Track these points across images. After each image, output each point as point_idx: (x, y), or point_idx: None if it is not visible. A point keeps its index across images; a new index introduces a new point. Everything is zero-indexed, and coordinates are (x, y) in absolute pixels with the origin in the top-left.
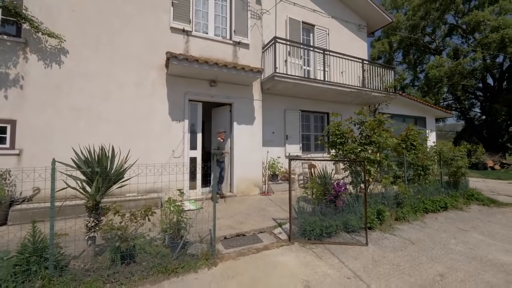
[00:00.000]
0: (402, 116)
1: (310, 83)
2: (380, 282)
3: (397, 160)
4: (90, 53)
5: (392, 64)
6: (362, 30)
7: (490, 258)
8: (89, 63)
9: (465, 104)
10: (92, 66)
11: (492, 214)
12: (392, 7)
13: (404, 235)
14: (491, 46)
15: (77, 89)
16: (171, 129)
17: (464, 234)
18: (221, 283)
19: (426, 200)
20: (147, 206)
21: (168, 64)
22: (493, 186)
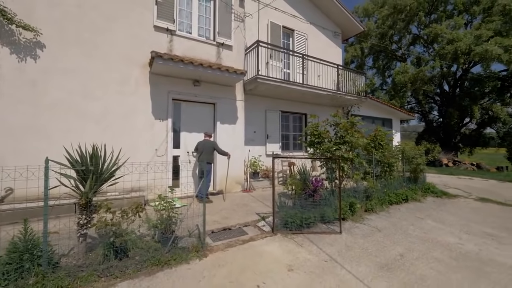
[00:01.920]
0: (372, 117)
1: (290, 86)
2: (352, 263)
3: (367, 158)
4: (69, 49)
5: (363, 69)
6: (338, 37)
7: (439, 240)
8: (69, 59)
9: (426, 108)
10: (72, 62)
11: (443, 204)
12: (364, 15)
13: (372, 224)
14: (447, 56)
15: (56, 85)
16: (154, 128)
17: (420, 221)
18: (213, 271)
19: (391, 193)
20: (138, 203)
21: (152, 63)
22: (446, 181)
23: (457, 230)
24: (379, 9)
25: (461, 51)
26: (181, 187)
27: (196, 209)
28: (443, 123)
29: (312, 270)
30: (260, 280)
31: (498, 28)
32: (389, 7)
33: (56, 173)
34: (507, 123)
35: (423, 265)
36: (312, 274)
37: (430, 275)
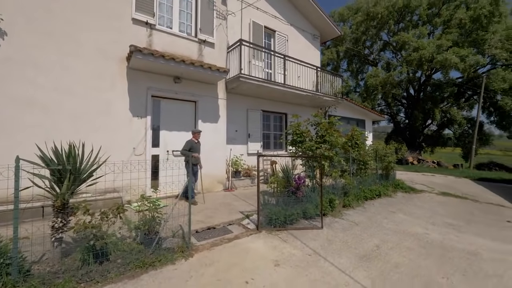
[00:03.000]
0: (347, 118)
1: (272, 86)
2: (334, 256)
3: (344, 157)
4: (38, 39)
5: (338, 71)
6: (316, 39)
7: (409, 231)
8: (37, 50)
9: (394, 110)
10: (41, 54)
11: (411, 199)
12: (339, 20)
13: (350, 219)
14: (413, 63)
15: (21, 79)
16: (132, 126)
17: (393, 215)
18: (200, 271)
19: (366, 189)
20: (118, 205)
21: (131, 58)
22: (412, 178)
23: (424, 221)
24: (353, 15)
25: (425, 59)
26: (160, 187)
27: (178, 209)
28: (409, 124)
29: (298, 264)
30: (248, 277)
31: (455, 39)
32: (362, 14)
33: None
34: (462, 125)
35: (397, 254)
36: (298, 267)
37: (403, 263)
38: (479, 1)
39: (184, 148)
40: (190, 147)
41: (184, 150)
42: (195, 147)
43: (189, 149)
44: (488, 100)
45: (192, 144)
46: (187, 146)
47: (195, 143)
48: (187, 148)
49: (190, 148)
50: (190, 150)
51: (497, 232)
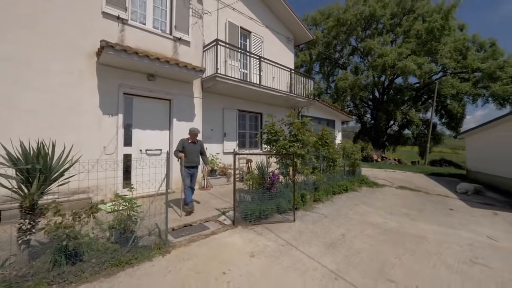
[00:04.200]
0: (318, 118)
1: (248, 86)
2: (304, 245)
3: (315, 155)
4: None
5: (311, 73)
6: (290, 42)
7: (371, 221)
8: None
9: (361, 111)
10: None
11: (374, 193)
12: (312, 23)
13: (320, 212)
14: (378, 68)
15: None
16: (102, 124)
17: (357, 207)
18: (178, 265)
19: (334, 185)
20: (91, 204)
21: (101, 53)
22: (376, 174)
23: (384, 212)
24: (325, 20)
25: (388, 65)
26: (128, 192)
27: (155, 208)
28: (374, 124)
29: (272, 254)
30: (225, 268)
31: (413, 48)
32: (333, 19)
33: None
34: (418, 126)
35: (359, 241)
36: (272, 257)
37: (364, 248)
38: (432, 15)
39: (176, 148)
40: (182, 147)
41: (176, 151)
42: (188, 147)
43: (181, 150)
44: (440, 104)
45: (185, 144)
46: (179, 146)
47: (188, 142)
48: (179, 148)
49: (183, 148)
50: (182, 150)
51: (442, 219)
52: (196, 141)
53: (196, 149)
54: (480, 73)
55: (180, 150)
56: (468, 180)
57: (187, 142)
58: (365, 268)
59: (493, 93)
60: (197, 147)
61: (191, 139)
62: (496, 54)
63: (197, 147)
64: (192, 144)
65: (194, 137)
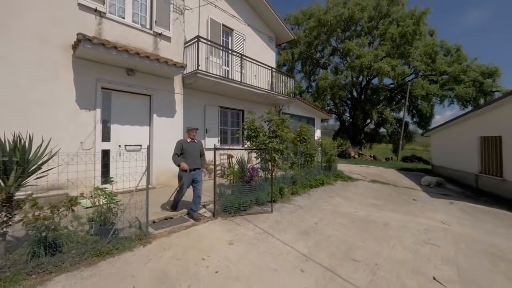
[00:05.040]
0: (299, 116)
1: (229, 83)
2: (280, 233)
3: (294, 150)
4: None
5: (293, 72)
6: (272, 41)
7: (343, 211)
8: None
9: (340, 110)
10: None
11: (348, 186)
12: (294, 23)
13: (297, 203)
14: (356, 69)
15: None
16: (79, 119)
17: (331, 199)
18: (159, 254)
19: (311, 179)
20: (71, 197)
21: (77, 46)
22: (352, 169)
23: (355, 203)
24: (307, 20)
25: (365, 66)
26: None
27: (135, 202)
28: (352, 123)
29: (249, 241)
30: (204, 255)
31: (388, 51)
32: (315, 20)
33: None
34: (392, 124)
35: (330, 228)
36: (249, 244)
37: (334, 234)
38: (406, 21)
39: (174, 152)
40: (181, 149)
41: (173, 156)
42: (188, 148)
43: (180, 153)
44: (412, 104)
45: (183, 145)
46: (177, 149)
47: (187, 143)
48: (177, 152)
49: (182, 151)
50: (181, 154)
51: (405, 208)
52: (196, 140)
53: (197, 149)
54: (446, 76)
55: (178, 153)
56: (433, 174)
57: (186, 142)
58: (333, 251)
59: (457, 95)
60: (198, 146)
61: (191, 138)
62: (460, 59)
63: (198, 146)
64: (192, 143)
65: (194, 135)
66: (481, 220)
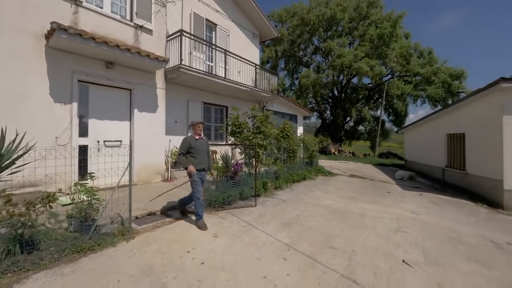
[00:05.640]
0: (282, 113)
1: (214, 79)
2: (263, 225)
3: (277, 146)
4: None
5: (277, 69)
6: (256, 38)
7: (323, 204)
8: None
9: (322, 107)
10: None
11: (328, 180)
12: (278, 21)
13: (279, 197)
14: (336, 68)
15: None
16: (54, 112)
17: (313, 193)
18: (143, 248)
19: (294, 174)
20: (48, 193)
21: (52, 36)
22: (332, 164)
23: (334, 196)
24: (290, 18)
25: (345, 65)
26: (89, 180)
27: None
28: (333, 120)
29: (234, 234)
30: (190, 247)
31: (367, 51)
32: (298, 18)
33: None
34: (370, 122)
35: (311, 220)
36: (233, 236)
37: (314, 225)
38: (383, 23)
39: (180, 151)
40: (188, 147)
41: (180, 156)
42: (197, 146)
43: (187, 152)
44: (388, 103)
45: (191, 143)
46: (183, 148)
47: (195, 140)
48: (183, 151)
49: (188, 150)
50: (188, 152)
51: (380, 200)
52: (202, 136)
53: (205, 147)
54: (419, 77)
55: (184, 152)
56: (406, 168)
57: (194, 139)
58: (314, 240)
59: (428, 95)
60: (205, 143)
61: (198, 135)
62: (432, 61)
63: (205, 143)
64: (200, 140)
65: (201, 131)
66: (446, 209)
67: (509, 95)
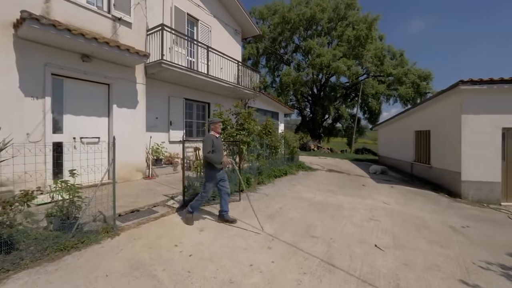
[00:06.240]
0: (264, 110)
1: (196, 75)
2: (248, 218)
3: (260, 143)
4: None
5: (258, 67)
6: (238, 35)
7: (303, 197)
8: None
9: (302, 105)
10: None
11: (308, 175)
12: (259, 18)
13: (262, 192)
14: (316, 66)
15: None
16: (24, 107)
17: (294, 187)
18: (130, 244)
19: (276, 169)
20: (26, 191)
21: (20, 25)
22: (311, 160)
23: (314, 189)
24: (271, 16)
25: (324, 64)
26: (65, 179)
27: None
28: (312, 118)
29: (219, 227)
30: (177, 241)
31: (345, 51)
32: (279, 16)
33: None
34: (347, 120)
35: (293, 212)
36: (220, 229)
37: (296, 217)
38: (360, 25)
39: (205, 149)
40: (212, 145)
41: (210, 154)
42: (218, 144)
43: (212, 150)
44: (364, 102)
45: (214, 141)
46: (208, 146)
47: (216, 138)
48: (210, 149)
49: (213, 148)
50: (212, 151)
51: (356, 192)
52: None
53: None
54: (392, 78)
55: (211, 150)
56: (379, 163)
57: (215, 138)
58: (295, 230)
59: (400, 95)
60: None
61: (218, 133)
62: (403, 63)
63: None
64: (219, 139)
65: (219, 128)
66: (413, 199)
67: (467, 96)
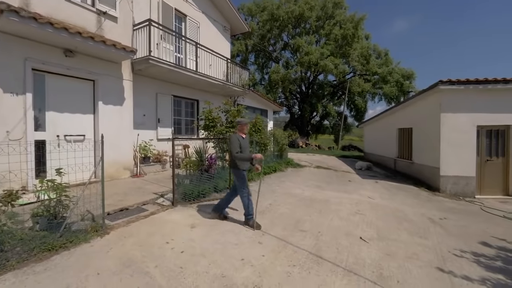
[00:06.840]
0: (253, 107)
1: (185, 72)
2: (239, 214)
3: (249, 140)
4: None
5: (247, 64)
6: (227, 31)
7: (292, 192)
8: None
9: (290, 102)
10: None
11: (297, 172)
12: (248, 14)
13: (252, 189)
14: (304, 64)
15: None
16: (3, 104)
17: (283, 183)
18: (120, 242)
19: (265, 166)
20: (10, 191)
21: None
22: (300, 157)
23: (302, 185)
24: (260, 13)
25: (312, 62)
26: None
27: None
28: (300, 115)
29: (210, 224)
30: (168, 239)
31: (332, 50)
32: (268, 13)
33: None
34: (334, 117)
35: (282, 207)
36: (211, 226)
37: (285, 212)
38: (347, 24)
39: (234, 149)
40: (240, 146)
41: (239, 154)
42: (244, 144)
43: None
44: (350, 99)
45: (241, 141)
46: (236, 146)
47: (242, 139)
48: (238, 149)
49: (240, 149)
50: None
51: (342, 187)
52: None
53: (248, 145)
54: (377, 76)
55: (240, 150)
56: (364, 159)
57: (242, 138)
58: (285, 225)
59: (384, 93)
60: (247, 141)
61: (245, 134)
62: (388, 62)
63: (247, 141)
64: (246, 139)
65: (247, 129)
66: (395, 194)
67: (446, 95)
